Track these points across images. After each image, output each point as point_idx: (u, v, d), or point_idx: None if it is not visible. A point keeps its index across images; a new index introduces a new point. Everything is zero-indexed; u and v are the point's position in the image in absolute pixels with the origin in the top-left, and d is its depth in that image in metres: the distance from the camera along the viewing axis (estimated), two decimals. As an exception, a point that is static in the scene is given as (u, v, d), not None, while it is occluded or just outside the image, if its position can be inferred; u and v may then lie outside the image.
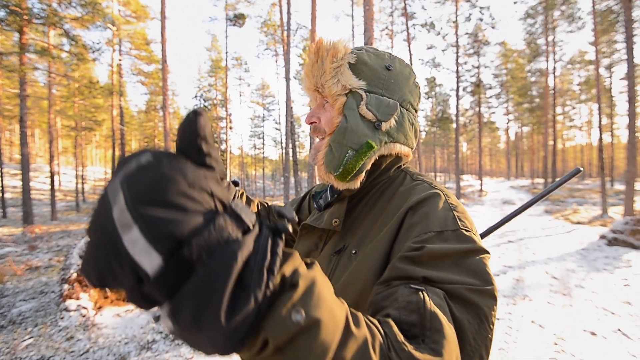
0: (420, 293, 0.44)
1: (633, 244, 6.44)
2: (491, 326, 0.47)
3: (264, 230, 0.29)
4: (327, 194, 0.82)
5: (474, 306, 0.46)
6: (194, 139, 0.29)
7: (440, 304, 0.43)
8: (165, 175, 0.26)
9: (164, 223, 0.25)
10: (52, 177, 13.67)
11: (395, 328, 0.38)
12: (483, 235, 0.83)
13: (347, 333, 0.31)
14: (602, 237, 7.08)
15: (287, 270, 0.29)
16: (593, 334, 3.18)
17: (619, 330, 3.25)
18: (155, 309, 0.28)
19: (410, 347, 0.36)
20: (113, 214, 0.25)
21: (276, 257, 0.28)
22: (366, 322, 0.35)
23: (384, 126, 0.67)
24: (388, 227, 0.61)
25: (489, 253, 0.54)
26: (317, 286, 0.30)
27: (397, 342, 0.36)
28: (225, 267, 0.25)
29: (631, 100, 9.05)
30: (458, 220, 0.56)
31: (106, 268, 0.25)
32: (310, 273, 0.31)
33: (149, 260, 0.25)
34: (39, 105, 21.68)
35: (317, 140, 0.74)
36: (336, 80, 0.68)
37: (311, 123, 0.74)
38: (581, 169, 0.95)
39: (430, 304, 0.42)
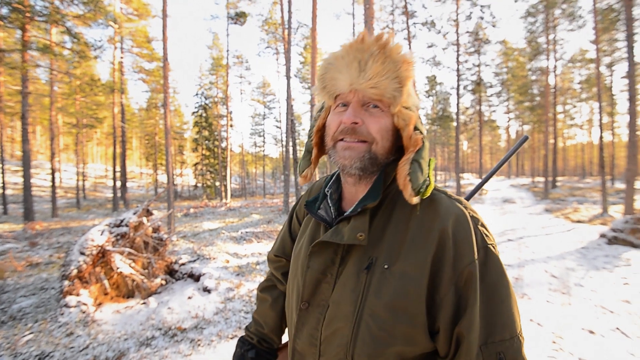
0: None
1: (633, 243, 6.44)
2: None
3: None
4: (327, 205, 0.79)
5: None
6: None
7: None
8: None
9: None
10: (53, 174, 13.71)
11: None
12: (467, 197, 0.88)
13: None
14: (602, 235, 7.07)
15: None
16: (591, 332, 3.19)
17: (617, 328, 3.26)
18: None
19: None
20: None
21: None
22: None
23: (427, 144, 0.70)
24: (423, 241, 0.62)
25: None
26: None
27: None
28: None
29: (632, 99, 9.03)
30: (486, 237, 0.64)
31: None
32: None
33: None
34: (40, 103, 21.66)
35: (347, 140, 0.68)
36: (408, 94, 0.67)
37: (354, 123, 0.66)
38: (528, 136, 0.97)
39: None
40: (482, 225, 0.64)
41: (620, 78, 23.12)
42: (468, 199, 0.85)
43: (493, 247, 0.63)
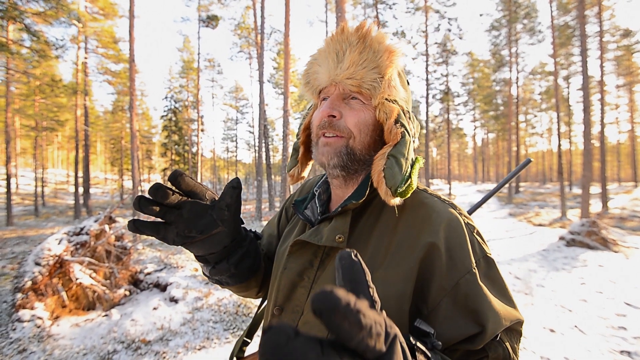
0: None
1: (589, 245, 6.84)
2: None
3: None
4: (314, 204, 0.75)
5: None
6: None
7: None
8: None
9: None
10: (8, 179, 12.84)
11: None
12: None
13: None
14: (561, 238, 7.47)
15: None
16: (552, 330, 3.33)
17: (575, 326, 3.43)
18: None
19: None
20: None
21: None
22: None
23: (416, 144, 0.66)
24: (408, 249, 0.57)
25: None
26: None
27: None
28: None
29: (586, 110, 9.65)
30: (484, 246, 0.59)
31: None
32: None
33: None
34: (-6, 104, 20.29)
35: (327, 136, 0.65)
36: (389, 85, 0.64)
37: (331, 116, 0.63)
38: (531, 159, 0.98)
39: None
40: (478, 234, 0.60)
41: (576, 90, 24.73)
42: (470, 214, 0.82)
43: (492, 258, 0.58)
